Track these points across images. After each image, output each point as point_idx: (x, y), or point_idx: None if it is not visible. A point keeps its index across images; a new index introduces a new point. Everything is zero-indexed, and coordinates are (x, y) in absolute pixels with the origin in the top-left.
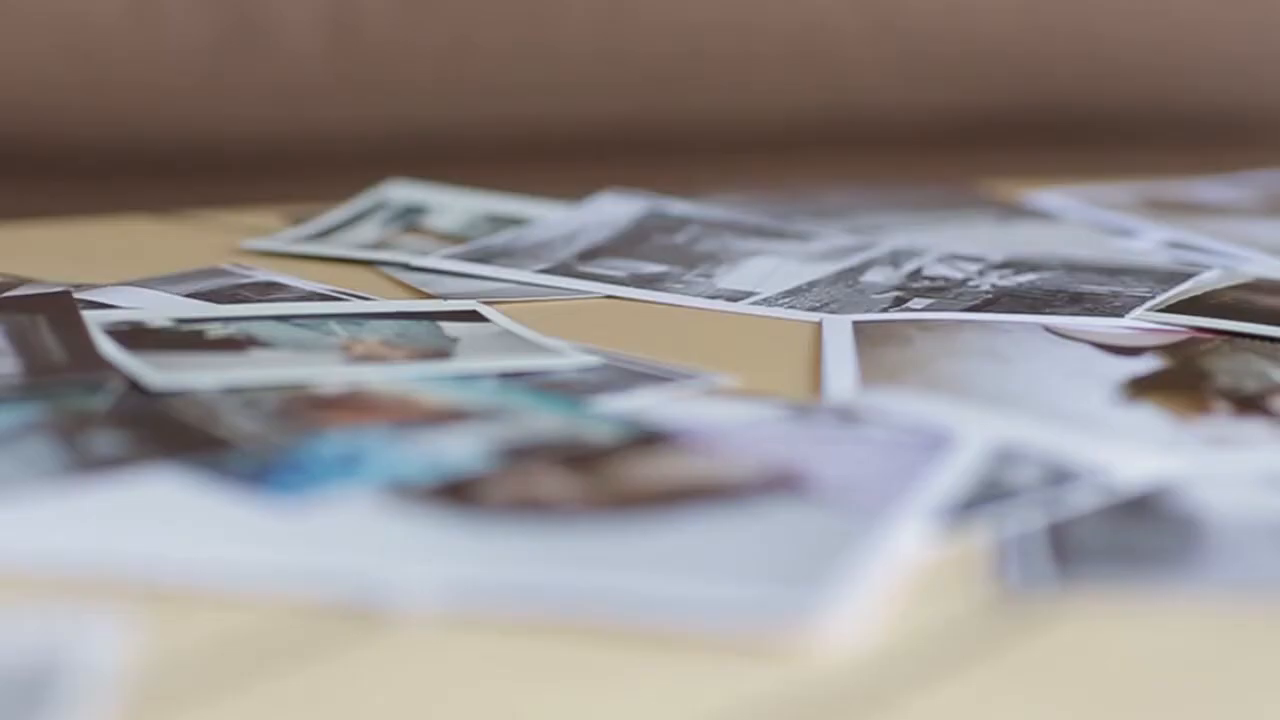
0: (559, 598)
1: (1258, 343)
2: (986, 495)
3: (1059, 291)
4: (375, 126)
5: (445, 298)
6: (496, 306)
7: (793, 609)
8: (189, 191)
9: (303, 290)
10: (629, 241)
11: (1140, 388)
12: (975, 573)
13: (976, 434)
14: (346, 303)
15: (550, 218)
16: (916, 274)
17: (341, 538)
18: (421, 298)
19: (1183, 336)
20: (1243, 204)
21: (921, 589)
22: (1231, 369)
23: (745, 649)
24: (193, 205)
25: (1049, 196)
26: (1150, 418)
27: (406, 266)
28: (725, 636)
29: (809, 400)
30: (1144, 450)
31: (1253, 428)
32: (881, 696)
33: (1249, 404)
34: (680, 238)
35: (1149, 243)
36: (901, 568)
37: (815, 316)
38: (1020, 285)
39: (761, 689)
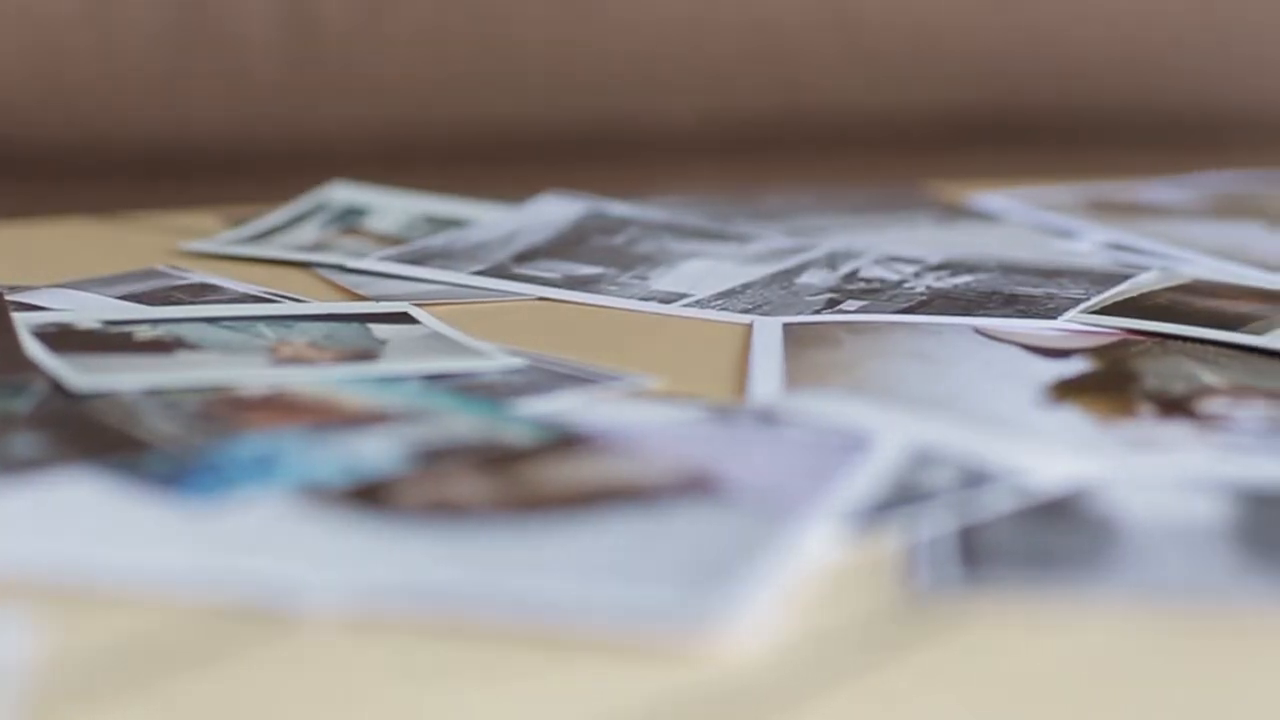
0: (467, 600)
1: (1189, 345)
2: (901, 497)
3: (993, 293)
4: (335, 125)
5: (378, 300)
6: (429, 308)
7: (698, 611)
8: (145, 192)
9: (236, 292)
10: (567, 243)
11: (1065, 390)
12: (884, 575)
13: (894, 436)
14: (277, 304)
15: (489, 219)
16: (852, 276)
17: (252, 540)
18: (355, 300)
19: (1114, 338)
20: (1187, 205)
21: (830, 591)
22: (1160, 371)
23: (651, 651)
24: (146, 206)
25: (992, 198)
26: (1073, 420)
27: (342, 268)
28: (632, 638)
29: (733, 402)
30: (1063, 453)
31: (1176, 430)
32: (783, 699)
33: (1174, 406)
34: (619, 239)
35: (1089, 244)
36: (811, 570)
37: (747, 318)
38: (955, 287)
39: (665, 691)
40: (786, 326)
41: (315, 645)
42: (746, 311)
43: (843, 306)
